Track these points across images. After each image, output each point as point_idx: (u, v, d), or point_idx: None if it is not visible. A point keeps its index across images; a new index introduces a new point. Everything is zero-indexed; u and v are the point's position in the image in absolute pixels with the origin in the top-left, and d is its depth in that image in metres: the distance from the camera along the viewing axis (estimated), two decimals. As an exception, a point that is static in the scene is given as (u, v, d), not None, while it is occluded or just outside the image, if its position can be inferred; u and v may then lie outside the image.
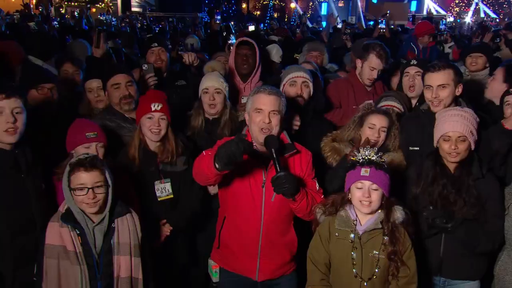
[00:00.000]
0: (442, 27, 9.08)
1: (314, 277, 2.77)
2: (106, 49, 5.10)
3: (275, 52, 5.88)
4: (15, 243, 2.73)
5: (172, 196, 3.33)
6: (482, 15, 23.69)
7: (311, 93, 3.76)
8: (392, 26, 9.44)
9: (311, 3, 30.39)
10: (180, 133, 3.49)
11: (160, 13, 22.88)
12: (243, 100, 4.10)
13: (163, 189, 3.32)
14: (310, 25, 16.41)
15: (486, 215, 2.91)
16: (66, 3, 22.46)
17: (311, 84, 3.74)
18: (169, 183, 3.33)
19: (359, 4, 26.18)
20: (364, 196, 2.59)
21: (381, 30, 7.90)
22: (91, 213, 2.59)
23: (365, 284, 2.64)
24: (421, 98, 3.69)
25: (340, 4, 28.43)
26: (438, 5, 25.39)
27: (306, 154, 3.07)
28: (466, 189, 2.89)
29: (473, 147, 2.93)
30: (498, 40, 6.91)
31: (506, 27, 7.61)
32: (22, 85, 3.65)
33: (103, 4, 23.56)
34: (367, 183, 2.59)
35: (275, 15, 30.41)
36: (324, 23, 18.15)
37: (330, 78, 4.92)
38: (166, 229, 3.23)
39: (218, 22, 8.47)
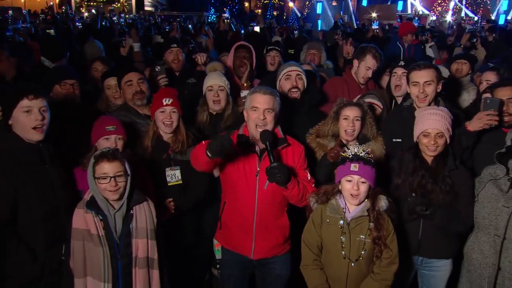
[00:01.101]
0: (415, 24, 8.98)
1: (308, 257, 2.82)
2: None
3: None
4: (45, 225, 2.76)
5: (181, 182, 3.36)
6: (462, 14, 23.46)
7: (305, 85, 3.77)
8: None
9: (308, 2, 30.07)
10: (191, 126, 3.51)
11: (170, 12, 22.66)
12: (242, 94, 4.13)
13: (173, 175, 3.35)
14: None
15: (459, 202, 2.96)
16: (85, 3, 22.27)
17: (304, 77, 3.77)
18: (179, 170, 3.36)
19: (351, 4, 25.90)
20: (353, 189, 2.62)
21: (375, 31, 7.87)
22: (113, 199, 2.62)
23: (352, 264, 2.69)
24: (406, 96, 3.73)
25: (334, 3, 28.11)
26: (422, 4, 25.12)
27: (298, 147, 3.12)
28: (442, 179, 2.95)
29: (448, 141, 2.98)
30: (475, 40, 6.90)
31: (488, 29, 7.53)
32: (46, 83, 3.72)
33: (119, 4, 23.36)
34: (356, 177, 2.63)
35: (275, 13, 30.17)
36: (319, 22, 17.87)
37: (322, 72, 4.96)
38: (171, 206, 3.25)
39: (227, 21, 8.33)
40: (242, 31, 9.84)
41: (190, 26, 12.44)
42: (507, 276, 2.81)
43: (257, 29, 7.86)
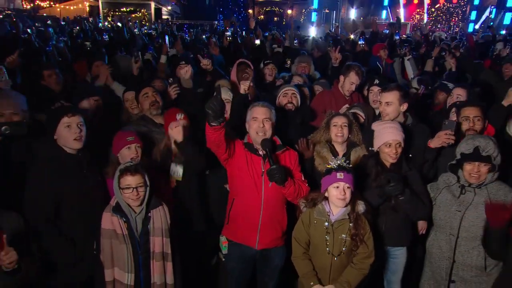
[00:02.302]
0: (397, 37, 8.69)
1: (298, 251, 2.87)
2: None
3: None
4: (83, 219, 2.87)
5: (181, 179, 3.37)
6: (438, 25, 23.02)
7: (299, 101, 3.95)
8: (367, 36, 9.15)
9: (304, 10, 29.70)
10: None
11: (184, 20, 22.45)
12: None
13: (176, 172, 3.36)
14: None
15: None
16: (112, 12, 22.07)
17: (298, 95, 3.97)
18: (181, 169, 3.37)
19: (341, 12, 25.57)
20: (341, 194, 2.68)
21: (361, 45, 7.81)
22: (134, 206, 2.70)
23: (335, 258, 2.76)
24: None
25: (326, 11, 27.77)
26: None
27: (294, 153, 3.20)
28: None
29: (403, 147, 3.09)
30: (444, 53, 6.88)
31: (454, 47, 7.47)
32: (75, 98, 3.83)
33: (140, 13, 23.17)
34: (342, 183, 2.68)
35: (275, 19, 29.83)
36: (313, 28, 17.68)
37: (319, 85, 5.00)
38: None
39: (229, 39, 8.20)
40: (251, 35, 9.65)
41: (204, 36, 12.25)
42: (460, 267, 2.91)
43: (257, 41, 7.71)
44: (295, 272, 2.93)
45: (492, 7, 19.51)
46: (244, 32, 13.10)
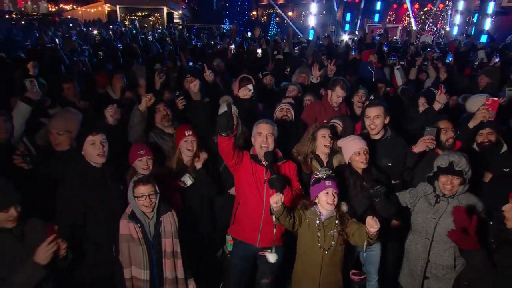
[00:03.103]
0: (385, 48, 8.60)
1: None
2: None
3: None
4: (107, 225, 2.92)
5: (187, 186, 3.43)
6: (426, 27, 22.63)
7: (293, 115, 4.10)
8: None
9: (303, 12, 29.33)
10: (203, 147, 3.55)
11: (193, 24, 22.26)
12: None
13: (185, 181, 3.43)
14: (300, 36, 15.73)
15: None
16: (128, 17, 21.95)
17: (292, 110, 4.14)
18: (191, 180, 3.42)
19: (337, 15, 25.20)
20: (330, 199, 2.76)
21: (353, 54, 7.77)
22: (147, 212, 2.80)
23: (326, 252, 2.82)
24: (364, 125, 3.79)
25: (323, 12, 27.36)
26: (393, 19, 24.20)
27: (292, 165, 3.27)
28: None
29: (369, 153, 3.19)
30: (426, 63, 6.88)
31: (437, 58, 7.43)
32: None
33: (154, 18, 23.02)
34: (330, 189, 2.76)
35: (277, 19, 29.49)
36: (311, 32, 17.42)
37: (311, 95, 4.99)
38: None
39: (233, 51, 8.11)
40: (254, 44, 9.55)
41: (212, 42, 12.12)
42: (433, 266, 2.99)
43: (259, 51, 7.60)
44: (291, 270, 3.03)
45: (475, 12, 19.21)
46: (248, 33, 12.92)
